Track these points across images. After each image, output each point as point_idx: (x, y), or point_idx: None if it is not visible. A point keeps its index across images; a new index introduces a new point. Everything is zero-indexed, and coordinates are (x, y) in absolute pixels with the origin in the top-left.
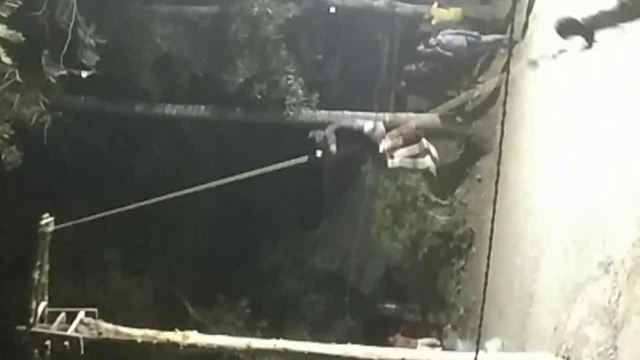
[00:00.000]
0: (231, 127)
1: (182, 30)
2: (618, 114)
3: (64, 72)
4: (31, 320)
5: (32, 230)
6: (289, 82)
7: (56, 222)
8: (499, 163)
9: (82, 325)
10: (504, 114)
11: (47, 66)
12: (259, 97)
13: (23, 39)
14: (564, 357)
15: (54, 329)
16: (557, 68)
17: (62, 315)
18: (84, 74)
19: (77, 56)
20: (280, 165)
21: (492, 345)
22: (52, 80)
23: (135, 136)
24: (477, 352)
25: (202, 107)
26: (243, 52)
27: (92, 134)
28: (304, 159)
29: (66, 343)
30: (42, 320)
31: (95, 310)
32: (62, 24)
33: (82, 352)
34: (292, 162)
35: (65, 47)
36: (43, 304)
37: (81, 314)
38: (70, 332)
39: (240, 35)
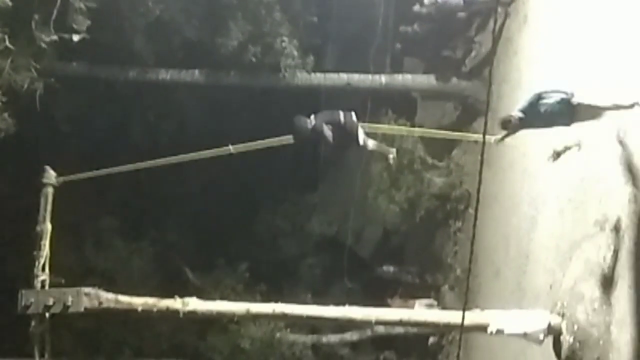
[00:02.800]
0: (226, 91)
1: None
2: (615, 75)
3: (55, 37)
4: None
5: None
6: (284, 44)
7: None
8: (485, 123)
9: (83, 295)
10: (490, 73)
11: (38, 31)
12: (253, 60)
13: (10, 3)
14: (559, 313)
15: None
16: (553, 27)
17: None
18: (75, 39)
19: (67, 21)
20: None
21: None
22: (43, 45)
23: (129, 102)
24: (463, 310)
25: (196, 71)
26: (236, 15)
27: (85, 100)
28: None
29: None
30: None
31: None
32: None
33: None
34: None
35: (55, 11)
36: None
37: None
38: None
39: None
